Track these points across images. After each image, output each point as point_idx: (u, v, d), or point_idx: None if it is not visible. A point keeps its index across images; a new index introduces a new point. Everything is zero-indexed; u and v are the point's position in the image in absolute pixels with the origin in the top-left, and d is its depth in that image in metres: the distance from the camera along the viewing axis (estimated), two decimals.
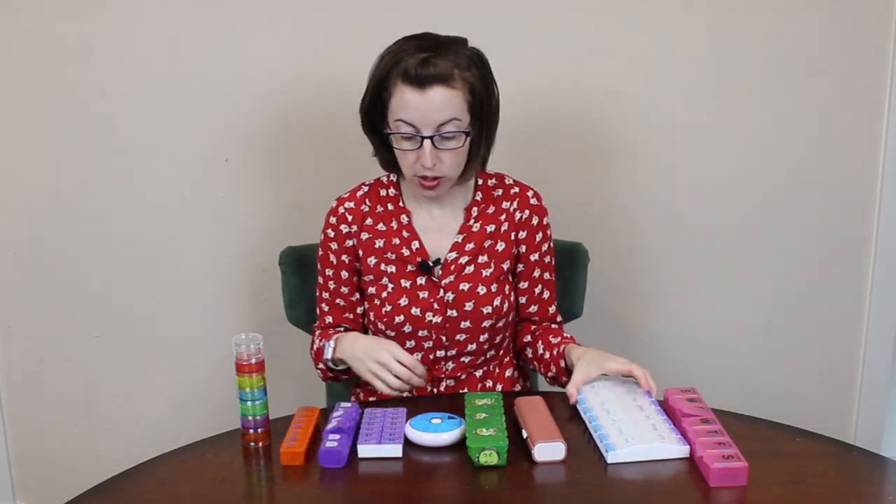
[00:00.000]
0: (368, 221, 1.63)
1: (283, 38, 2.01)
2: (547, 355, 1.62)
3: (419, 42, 1.49)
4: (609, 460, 1.30)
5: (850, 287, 2.18)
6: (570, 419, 1.44)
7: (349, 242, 1.64)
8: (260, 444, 1.38)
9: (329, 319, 1.67)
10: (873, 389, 2.23)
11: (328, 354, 1.56)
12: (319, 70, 2.01)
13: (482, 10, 1.95)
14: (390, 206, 1.64)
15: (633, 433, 1.32)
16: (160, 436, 1.66)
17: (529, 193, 1.66)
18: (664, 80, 2.04)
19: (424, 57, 1.45)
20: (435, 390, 1.64)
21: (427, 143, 1.47)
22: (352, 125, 1.63)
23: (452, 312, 1.59)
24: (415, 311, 1.58)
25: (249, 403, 1.36)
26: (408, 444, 1.35)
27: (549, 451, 1.30)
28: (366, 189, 1.67)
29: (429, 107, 1.45)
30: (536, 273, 1.66)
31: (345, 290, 1.65)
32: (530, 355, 1.69)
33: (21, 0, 2.01)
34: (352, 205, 1.64)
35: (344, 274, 1.65)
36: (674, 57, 2.03)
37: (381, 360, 1.47)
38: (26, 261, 2.18)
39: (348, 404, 1.46)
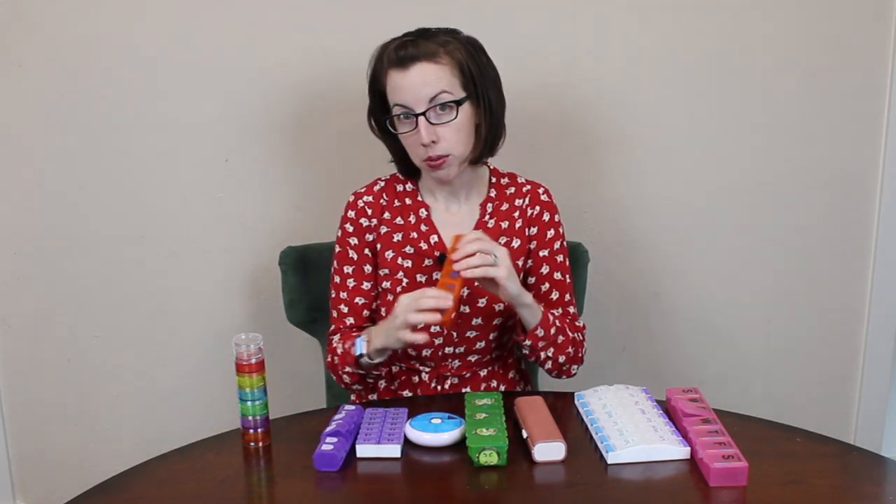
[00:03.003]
0: (386, 215, 1.63)
1: (283, 38, 2.01)
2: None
3: (407, 32, 1.53)
4: (609, 461, 1.30)
5: (850, 287, 2.18)
6: (570, 419, 1.44)
7: (369, 236, 1.63)
8: (260, 444, 1.38)
9: (350, 321, 1.63)
10: (873, 389, 2.24)
11: (361, 349, 1.51)
12: (320, 70, 2.01)
13: (482, 11, 1.95)
14: (408, 201, 1.64)
15: (633, 434, 1.33)
16: (160, 436, 1.66)
17: (540, 190, 1.67)
18: (665, 81, 2.04)
19: (406, 40, 1.50)
20: (440, 388, 1.64)
21: (421, 119, 1.49)
22: (352, 125, 1.63)
23: (465, 308, 1.59)
24: None
25: (249, 403, 1.36)
26: (408, 444, 1.35)
27: (549, 451, 1.30)
28: (382, 184, 1.67)
29: (415, 82, 1.48)
30: (545, 270, 1.65)
31: (366, 285, 1.64)
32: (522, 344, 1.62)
33: (20, 0, 2.01)
34: (370, 199, 1.64)
35: (367, 268, 1.64)
36: (674, 57, 2.03)
37: (405, 308, 1.41)
38: (26, 260, 2.18)
39: (352, 407, 1.45)
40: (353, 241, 1.64)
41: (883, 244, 2.14)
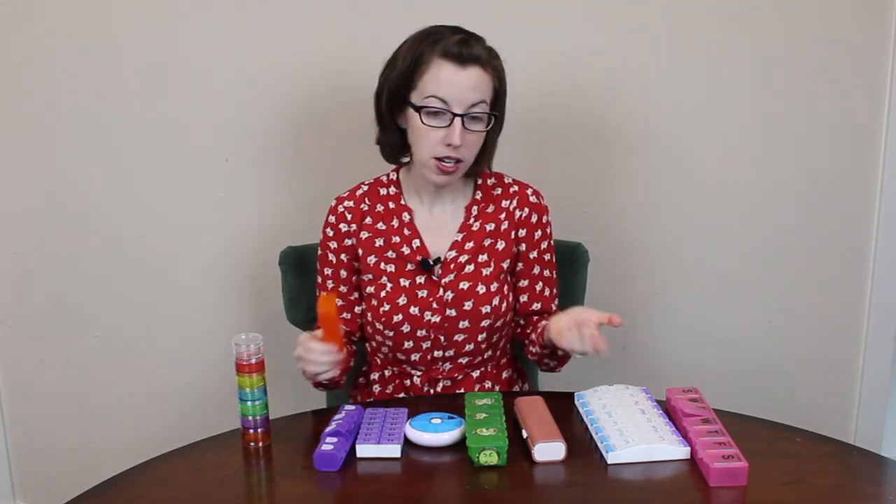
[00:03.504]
0: (368, 220, 1.63)
1: (284, 38, 2.00)
2: (533, 336, 1.61)
3: (451, 27, 1.52)
4: (609, 461, 1.30)
5: (850, 287, 2.18)
6: (570, 419, 1.44)
7: (348, 242, 1.64)
8: (260, 444, 1.38)
9: None
10: (873, 389, 2.24)
11: None
12: (320, 70, 2.01)
13: (480, 10, 1.95)
14: (391, 205, 1.64)
15: (633, 434, 1.33)
16: (160, 436, 1.66)
17: (529, 192, 1.66)
18: (664, 81, 2.04)
19: (464, 37, 1.49)
20: (432, 391, 1.64)
21: (457, 120, 1.48)
22: (352, 125, 1.63)
23: (451, 312, 1.59)
24: (413, 310, 1.58)
25: (249, 403, 1.36)
26: (408, 444, 1.36)
27: (549, 451, 1.30)
28: (365, 188, 1.67)
29: (466, 84, 1.48)
30: (536, 270, 1.66)
31: (343, 289, 1.65)
32: (532, 349, 1.65)
33: (20, 0, 2.01)
34: (351, 204, 1.64)
35: (343, 273, 1.65)
36: (674, 57, 2.03)
37: (296, 356, 1.46)
38: (26, 260, 2.18)
39: (352, 407, 1.45)
40: (333, 245, 1.65)
41: (883, 244, 2.13)
